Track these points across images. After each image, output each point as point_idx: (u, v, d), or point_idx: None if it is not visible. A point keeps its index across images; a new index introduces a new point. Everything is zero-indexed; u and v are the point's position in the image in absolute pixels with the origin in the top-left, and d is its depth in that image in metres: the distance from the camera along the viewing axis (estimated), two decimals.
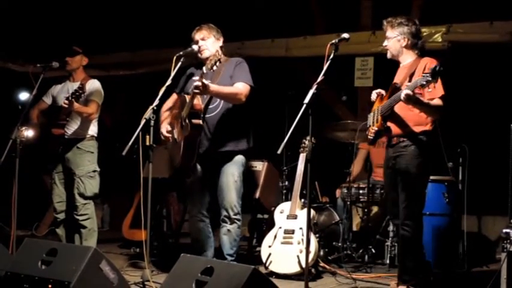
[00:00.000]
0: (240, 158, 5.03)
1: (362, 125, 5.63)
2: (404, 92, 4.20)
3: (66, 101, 5.17)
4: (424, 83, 4.07)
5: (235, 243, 5.02)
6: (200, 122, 4.85)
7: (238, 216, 5.01)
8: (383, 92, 4.65)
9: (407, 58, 4.61)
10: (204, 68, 4.83)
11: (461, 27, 6.49)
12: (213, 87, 4.75)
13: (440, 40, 6.43)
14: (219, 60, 4.65)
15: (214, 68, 4.69)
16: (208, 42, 5.04)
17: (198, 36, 5.06)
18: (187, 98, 4.84)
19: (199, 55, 5.05)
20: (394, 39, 4.58)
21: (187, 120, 4.85)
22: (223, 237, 5.01)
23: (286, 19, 7.72)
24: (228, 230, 4.99)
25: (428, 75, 4.05)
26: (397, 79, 4.61)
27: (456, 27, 6.49)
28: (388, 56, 4.69)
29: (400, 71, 4.66)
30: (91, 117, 5.47)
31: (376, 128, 4.53)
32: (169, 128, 5.04)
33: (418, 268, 4.53)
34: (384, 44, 4.68)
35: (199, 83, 4.63)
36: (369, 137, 4.64)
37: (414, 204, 4.48)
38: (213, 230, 5.19)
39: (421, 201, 4.54)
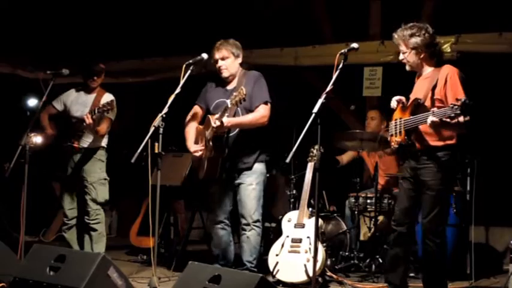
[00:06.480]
0: (258, 167, 5.08)
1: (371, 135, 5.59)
2: (430, 119, 4.10)
3: (90, 120, 5.29)
4: (453, 115, 3.97)
5: (254, 251, 5.08)
6: (225, 149, 4.94)
7: (257, 224, 5.05)
8: (403, 99, 4.51)
9: (427, 69, 4.48)
10: (228, 102, 4.74)
11: (470, 38, 6.47)
12: (233, 122, 4.85)
13: (449, 50, 6.40)
14: (243, 99, 4.64)
15: (239, 104, 4.73)
16: (228, 62, 5.06)
17: (217, 55, 5.07)
18: (212, 119, 4.86)
19: (219, 73, 5.10)
20: (411, 53, 4.42)
21: (211, 143, 4.91)
22: (243, 245, 5.09)
23: (294, 28, 7.72)
24: (247, 237, 5.05)
25: (458, 108, 3.92)
26: (418, 92, 4.45)
27: (465, 38, 6.47)
28: (408, 69, 4.54)
29: (420, 83, 4.51)
30: (102, 135, 5.57)
31: (400, 140, 4.41)
32: (197, 148, 5.08)
33: (443, 282, 4.46)
34: (401, 57, 4.52)
35: (219, 123, 4.73)
36: (392, 146, 4.52)
37: (439, 219, 4.37)
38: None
39: (445, 215, 4.48)
